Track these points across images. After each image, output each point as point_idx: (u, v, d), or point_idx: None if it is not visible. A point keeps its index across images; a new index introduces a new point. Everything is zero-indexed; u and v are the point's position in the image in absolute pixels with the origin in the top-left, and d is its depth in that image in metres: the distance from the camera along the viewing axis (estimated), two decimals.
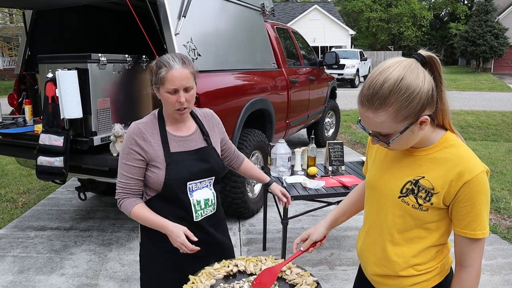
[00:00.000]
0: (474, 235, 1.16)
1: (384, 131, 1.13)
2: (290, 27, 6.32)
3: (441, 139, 1.21)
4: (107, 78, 2.93)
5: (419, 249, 1.25)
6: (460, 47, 28.60)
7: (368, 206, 1.38)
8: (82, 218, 4.26)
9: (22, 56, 3.75)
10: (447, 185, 1.15)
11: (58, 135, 2.75)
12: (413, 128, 1.12)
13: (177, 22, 3.18)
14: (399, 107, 1.07)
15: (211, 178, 1.75)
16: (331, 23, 30.30)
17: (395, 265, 1.29)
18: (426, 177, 1.19)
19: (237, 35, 4.14)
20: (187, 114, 1.72)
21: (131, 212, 1.64)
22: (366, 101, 1.10)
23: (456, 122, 10.04)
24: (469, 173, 1.13)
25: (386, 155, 1.32)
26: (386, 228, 1.29)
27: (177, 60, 1.58)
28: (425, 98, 1.09)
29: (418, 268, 1.27)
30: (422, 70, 1.10)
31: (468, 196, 1.14)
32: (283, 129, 5.12)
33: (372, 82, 1.09)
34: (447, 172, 1.16)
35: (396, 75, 1.07)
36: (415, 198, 1.20)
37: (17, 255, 3.49)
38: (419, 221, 1.22)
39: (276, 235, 3.81)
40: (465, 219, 1.16)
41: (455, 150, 1.18)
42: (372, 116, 1.10)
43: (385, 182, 1.29)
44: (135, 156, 1.62)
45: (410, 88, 1.06)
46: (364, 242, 1.42)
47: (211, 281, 1.49)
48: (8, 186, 5.34)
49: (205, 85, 3.36)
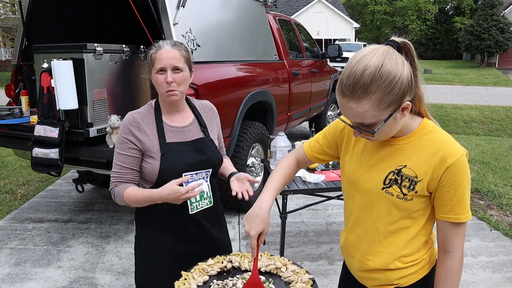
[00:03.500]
0: (458, 219, 1.16)
1: (367, 121, 1.09)
2: (292, 19, 6.24)
3: (419, 126, 1.20)
4: (103, 69, 2.88)
5: (405, 239, 1.24)
6: (465, 41, 28.35)
7: (350, 202, 1.33)
8: (80, 210, 4.23)
9: (19, 46, 3.69)
10: (430, 171, 1.14)
11: (54, 127, 2.70)
12: (396, 115, 1.10)
13: (176, 12, 3.12)
14: (381, 94, 1.04)
15: (208, 170, 1.70)
16: (335, 15, 30.09)
17: (382, 257, 1.26)
18: (408, 166, 1.18)
19: (238, 26, 4.07)
20: (181, 100, 1.66)
21: (124, 196, 1.56)
22: (347, 91, 1.06)
23: (459, 116, 9.96)
24: (451, 157, 1.12)
25: (364, 147, 1.28)
26: (371, 222, 1.27)
27: (168, 42, 1.58)
28: (406, 83, 1.07)
29: (405, 260, 1.25)
30: (399, 56, 1.09)
31: (451, 180, 1.13)
32: (284, 122, 5.06)
33: (352, 71, 1.06)
34: (429, 158, 1.15)
35: (375, 62, 1.04)
36: (399, 188, 1.18)
37: (14, 247, 3.46)
38: (404, 211, 1.20)
39: (276, 229, 3.77)
40: (449, 204, 1.16)
41: (434, 136, 1.17)
42: (355, 106, 1.07)
43: (366, 175, 1.25)
44: (129, 145, 1.58)
45: (391, 74, 1.04)
46: (348, 238, 1.38)
47: (204, 278, 1.45)
48: (7, 177, 5.32)
49: (204, 76, 3.30)
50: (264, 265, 1.53)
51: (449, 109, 10.83)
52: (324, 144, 1.42)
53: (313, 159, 1.47)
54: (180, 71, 1.56)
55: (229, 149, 3.70)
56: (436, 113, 10.22)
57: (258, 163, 4.23)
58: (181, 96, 1.61)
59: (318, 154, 1.45)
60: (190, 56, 1.61)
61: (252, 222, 1.31)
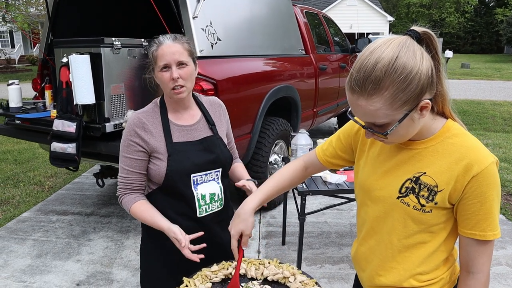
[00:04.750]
0: (484, 237, 1.01)
1: (379, 121, 0.96)
2: (321, 12, 6.05)
3: (442, 128, 1.05)
4: (121, 63, 2.84)
5: (423, 255, 1.10)
6: (507, 34, 27.10)
7: (363, 211, 1.20)
8: (103, 203, 4.27)
9: (45, 41, 3.73)
10: (453, 180, 1.00)
11: (71, 121, 2.70)
12: (413, 115, 0.95)
13: (196, 4, 3.04)
14: (395, 91, 0.91)
15: (217, 170, 1.61)
16: (368, 9, 29.39)
17: (395, 274, 1.13)
18: (428, 173, 1.04)
19: (261, 19, 3.96)
20: (188, 97, 1.57)
21: (130, 209, 1.53)
22: (357, 86, 0.93)
23: (498, 113, 9.47)
24: (478, 165, 0.97)
25: (380, 151, 1.14)
26: (385, 234, 1.14)
27: (168, 36, 1.49)
28: (425, 79, 0.92)
29: (421, 278, 1.11)
30: (418, 47, 0.94)
31: (477, 192, 0.98)
32: (310, 118, 4.92)
33: (362, 64, 0.93)
34: (452, 166, 1.00)
35: (390, 54, 0.91)
36: (417, 198, 1.05)
37: (37, 238, 3.52)
38: (422, 224, 1.06)
39: (297, 229, 3.66)
40: (474, 218, 1.01)
41: (459, 140, 1.02)
42: (365, 104, 0.94)
43: (381, 181, 1.12)
44: (135, 148, 1.51)
45: (407, 68, 0.90)
46: (359, 250, 1.26)
47: (207, 285, 1.37)
48: (37, 169, 5.45)
49: (224, 71, 3.22)
50: (272, 273, 1.43)
51: (487, 105, 10.32)
52: (338, 148, 1.30)
53: (326, 164, 1.35)
54: (185, 66, 1.47)
55: (250, 145, 3.61)
56: (473, 110, 9.76)
57: (281, 160, 4.12)
58: (188, 92, 1.53)
59: (332, 158, 1.33)
60: (193, 49, 1.53)
61: (233, 221, 1.28)
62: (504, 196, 4.46)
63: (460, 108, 9.96)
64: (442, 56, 1.02)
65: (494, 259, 3.16)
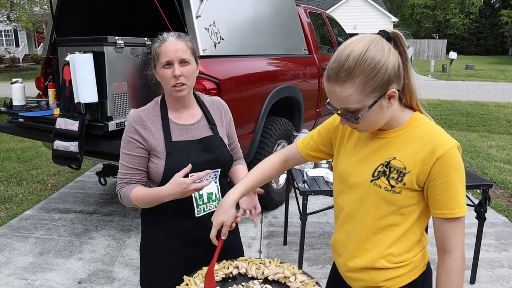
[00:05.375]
0: (453, 214, 1.12)
1: (351, 106, 1.08)
2: (324, 12, 6.04)
3: (410, 119, 1.18)
4: (124, 62, 2.85)
5: (394, 237, 1.20)
6: None
7: (341, 198, 1.30)
8: (106, 202, 4.28)
9: (49, 39, 3.74)
10: (420, 163, 1.12)
11: (74, 120, 2.70)
12: (382, 102, 1.09)
13: (199, 4, 3.04)
14: (365, 78, 1.04)
15: (216, 171, 1.61)
16: (372, 9, 29.34)
17: (369, 255, 1.23)
18: (397, 157, 1.16)
19: (265, 18, 3.96)
20: (189, 95, 1.57)
21: (130, 197, 1.50)
22: (332, 74, 1.07)
23: (502, 115, 9.43)
24: (441, 148, 1.10)
25: (356, 142, 1.26)
26: (360, 217, 1.24)
27: (171, 34, 1.49)
28: (391, 70, 1.06)
29: (392, 259, 1.21)
30: (387, 44, 1.08)
31: (442, 173, 1.10)
32: (313, 118, 4.91)
33: (337, 57, 1.07)
34: (419, 150, 1.13)
35: (361, 47, 1.05)
36: (387, 180, 1.16)
37: (39, 236, 3.53)
38: (393, 205, 1.17)
39: (299, 229, 3.66)
40: (442, 199, 1.12)
41: (425, 128, 1.15)
42: (340, 90, 1.07)
43: (356, 169, 1.23)
44: (135, 145, 1.51)
45: (376, 59, 1.04)
46: (336, 235, 1.35)
47: None
48: (40, 167, 5.47)
49: (227, 70, 3.22)
50: (272, 273, 1.42)
51: (491, 107, 10.28)
52: (319, 142, 1.40)
53: (307, 156, 1.44)
54: (187, 64, 1.47)
55: (252, 145, 3.61)
56: (477, 112, 9.73)
57: None
58: (189, 90, 1.53)
59: (313, 151, 1.42)
60: (195, 47, 1.53)
61: (216, 212, 1.35)
62: (507, 198, 4.44)
63: (464, 110, 9.93)
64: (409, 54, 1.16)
65: (497, 261, 3.14)
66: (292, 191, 3.58)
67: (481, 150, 6.30)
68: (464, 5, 38.13)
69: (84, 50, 2.66)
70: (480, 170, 5.30)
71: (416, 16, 39.52)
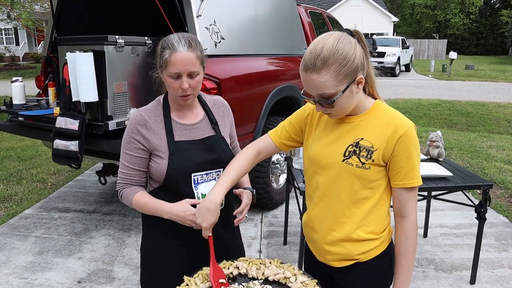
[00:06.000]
0: (412, 184, 1.31)
1: (327, 92, 1.23)
2: (325, 11, 6.04)
3: (373, 105, 1.36)
4: (125, 61, 2.84)
5: (366, 209, 1.36)
6: None
7: (314, 180, 1.43)
8: (106, 201, 4.27)
9: (49, 38, 3.73)
10: (385, 141, 1.30)
11: (74, 119, 2.70)
12: (352, 87, 1.25)
13: (200, 3, 3.04)
14: (338, 66, 1.21)
15: (218, 170, 1.61)
16: (373, 9, 29.33)
17: (345, 227, 1.37)
18: (365, 138, 1.32)
19: (265, 18, 3.96)
20: (194, 100, 1.58)
21: (132, 201, 1.53)
22: (310, 64, 1.22)
23: (502, 115, 9.43)
24: (402, 128, 1.29)
25: (325, 127, 1.41)
26: (335, 194, 1.37)
27: (183, 42, 1.43)
28: (358, 59, 1.24)
29: (366, 229, 1.37)
30: (352, 39, 1.26)
31: (404, 149, 1.29)
32: None
33: (313, 49, 1.23)
34: (383, 131, 1.30)
35: (332, 41, 1.23)
36: (358, 158, 1.32)
37: (39, 235, 3.53)
38: (364, 180, 1.33)
39: (299, 229, 3.65)
40: (403, 171, 1.30)
41: (386, 112, 1.34)
42: (317, 77, 1.22)
43: (327, 151, 1.37)
44: (136, 145, 1.51)
45: (345, 50, 1.22)
46: (311, 213, 1.48)
47: (207, 284, 1.37)
48: (40, 166, 5.47)
49: (227, 70, 3.22)
50: (272, 273, 1.42)
51: (491, 107, 10.28)
52: (291, 131, 1.52)
53: (281, 146, 1.56)
54: (196, 75, 1.46)
55: None
56: (477, 112, 9.72)
57: (283, 160, 4.12)
58: (195, 97, 1.53)
59: (286, 140, 1.54)
60: (204, 54, 1.51)
61: (204, 215, 1.40)
62: (508, 199, 4.44)
63: (464, 110, 9.93)
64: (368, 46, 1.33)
65: (497, 261, 3.14)
66: (292, 190, 3.58)
67: (481, 150, 6.30)
68: (464, 5, 38.08)
69: (85, 49, 2.66)
70: (480, 170, 5.30)
71: (417, 16, 39.47)
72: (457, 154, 6.06)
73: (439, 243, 3.45)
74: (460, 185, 2.69)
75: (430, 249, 3.34)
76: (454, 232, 3.65)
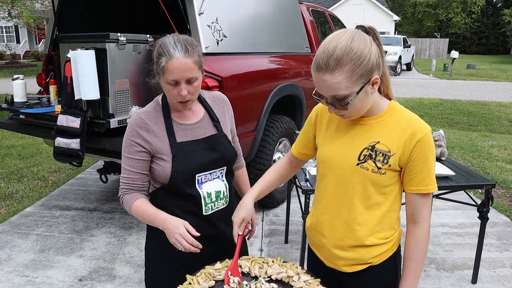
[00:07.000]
0: (427, 190, 1.26)
1: (341, 93, 1.16)
2: (327, 10, 6.03)
3: (388, 106, 1.29)
4: (126, 59, 2.83)
5: (379, 215, 1.31)
6: None
7: (324, 182, 1.38)
8: (107, 199, 4.27)
9: (50, 36, 3.73)
10: (402, 145, 1.24)
11: (75, 117, 2.69)
12: (367, 88, 1.18)
13: (202, 1, 3.03)
14: (353, 66, 1.13)
15: (222, 169, 1.60)
16: (374, 8, 29.29)
17: (358, 234, 1.32)
18: (381, 142, 1.26)
19: (267, 16, 3.95)
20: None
21: (131, 208, 1.51)
22: (322, 64, 1.14)
23: (504, 115, 9.41)
24: (420, 132, 1.23)
25: (337, 129, 1.35)
26: (346, 198, 1.32)
27: (179, 47, 1.38)
28: (374, 59, 1.16)
29: (379, 235, 1.33)
30: (367, 36, 1.18)
31: (421, 154, 1.23)
32: None
33: (325, 48, 1.15)
34: (400, 134, 1.24)
35: (346, 39, 1.14)
36: (374, 162, 1.26)
37: (40, 233, 3.52)
38: (378, 185, 1.28)
39: (300, 228, 3.65)
40: (419, 176, 1.25)
41: (402, 115, 1.27)
42: (330, 78, 1.15)
43: (340, 153, 1.31)
44: (137, 148, 1.48)
45: (360, 49, 1.14)
46: (320, 218, 1.42)
47: (210, 283, 1.36)
48: (41, 164, 5.46)
49: (229, 68, 3.21)
50: (276, 272, 1.42)
51: (492, 106, 10.26)
52: (305, 139, 1.50)
53: (301, 157, 1.55)
54: (194, 81, 1.43)
55: (254, 143, 3.60)
56: (478, 111, 9.70)
57: None
58: (194, 101, 1.50)
59: (303, 150, 1.53)
60: (201, 57, 1.47)
61: (236, 211, 1.46)
62: (509, 198, 4.43)
63: (465, 109, 9.91)
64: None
65: (498, 261, 3.14)
66: (294, 189, 3.58)
67: (483, 150, 6.28)
68: (466, 4, 37.98)
69: (86, 47, 2.65)
70: (481, 169, 5.28)
71: (418, 15, 39.39)
72: (459, 154, 6.05)
73: (441, 243, 3.44)
74: (463, 185, 2.68)
75: (431, 248, 3.33)
76: (456, 232, 3.64)
